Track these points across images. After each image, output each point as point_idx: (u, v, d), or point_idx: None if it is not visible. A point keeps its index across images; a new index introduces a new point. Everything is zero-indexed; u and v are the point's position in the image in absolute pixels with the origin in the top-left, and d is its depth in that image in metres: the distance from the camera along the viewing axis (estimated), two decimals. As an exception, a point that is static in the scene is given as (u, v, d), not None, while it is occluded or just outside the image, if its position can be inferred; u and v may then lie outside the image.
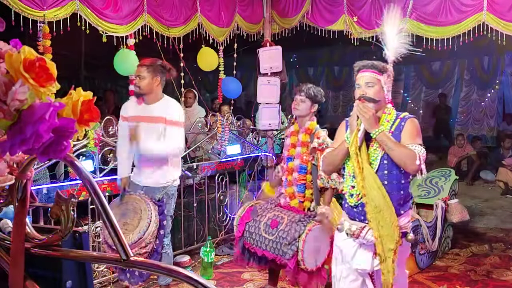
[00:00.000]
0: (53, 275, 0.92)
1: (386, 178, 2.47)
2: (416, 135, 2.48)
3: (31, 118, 0.69)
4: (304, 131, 3.45)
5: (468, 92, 11.03)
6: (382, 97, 2.53)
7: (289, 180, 3.48)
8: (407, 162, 2.38)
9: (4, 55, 0.71)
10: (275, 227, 3.26)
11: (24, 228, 0.86)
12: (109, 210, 0.84)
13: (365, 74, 2.56)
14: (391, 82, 2.59)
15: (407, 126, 2.49)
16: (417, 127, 2.52)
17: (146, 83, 3.48)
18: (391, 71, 2.60)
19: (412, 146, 2.42)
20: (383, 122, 2.51)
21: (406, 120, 2.51)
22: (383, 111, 2.55)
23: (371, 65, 2.57)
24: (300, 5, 5.70)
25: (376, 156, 2.48)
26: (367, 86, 2.52)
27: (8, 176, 0.82)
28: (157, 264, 0.87)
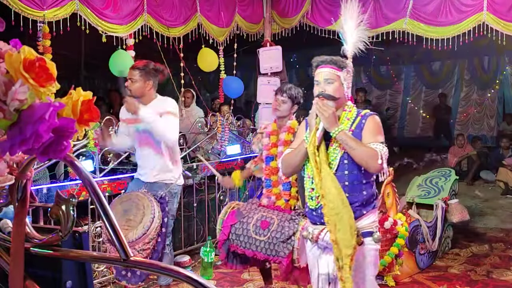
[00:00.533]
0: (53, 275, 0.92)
1: (347, 178, 2.38)
2: (377, 133, 2.40)
3: (31, 118, 0.69)
4: (287, 130, 3.45)
5: (468, 92, 11.03)
6: (342, 94, 2.44)
7: (274, 180, 3.47)
8: (369, 162, 2.30)
9: (4, 55, 0.71)
10: (266, 228, 3.25)
11: (24, 228, 0.86)
12: (109, 210, 0.84)
13: (324, 70, 2.43)
14: (351, 78, 2.51)
15: (368, 123, 2.41)
16: (379, 125, 2.44)
17: (137, 86, 3.45)
18: (350, 67, 2.50)
19: (373, 144, 2.33)
20: (343, 120, 2.43)
21: (367, 118, 2.42)
22: (343, 108, 2.47)
23: (329, 60, 2.45)
24: (300, 5, 5.70)
25: (336, 156, 2.39)
26: (326, 82, 2.41)
27: (8, 176, 0.82)
28: (157, 264, 0.87)
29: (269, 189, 3.49)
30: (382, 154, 2.30)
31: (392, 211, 4.27)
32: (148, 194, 3.40)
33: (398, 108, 11.53)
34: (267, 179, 3.51)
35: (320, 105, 2.33)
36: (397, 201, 4.39)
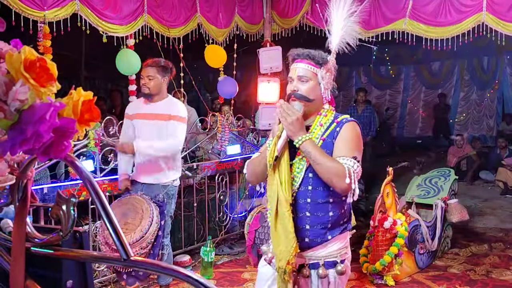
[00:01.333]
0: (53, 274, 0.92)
1: (310, 195, 2.01)
2: (352, 145, 2.00)
3: (32, 118, 0.69)
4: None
5: (467, 92, 11.03)
6: (317, 95, 2.05)
7: None
8: (334, 180, 1.90)
9: (5, 55, 0.71)
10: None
11: (25, 228, 0.86)
12: (109, 210, 0.84)
13: (299, 66, 2.06)
14: (331, 77, 2.09)
15: (342, 132, 2.02)
16: (356, 135, 2.04)
17: (156, 83, 3.52)
18: (332, 65, 2.10)
19: (343, 159, 1.94)
20: (315, 127, 2.05)
21: (343, 125, 2.03)
22: (318, 112, 2.08)
23: (307, 54, 2.07)
24: (300, 5, 5.70)
25: (301, 168, 2.02)
26: (300, 80, 2.04)
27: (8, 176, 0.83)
28: (157, 263, 0.88)
29: None
30: (351, 172, 1.91)
31: (391, 211, 4.28)
32: (147, 198, 3.40)
33: (397, 108, 11.53)
34: None
35: (284, 108, 1.95)
36: (396, 201, 4.40)
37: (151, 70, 3.52)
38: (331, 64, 2.10)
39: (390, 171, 4.34)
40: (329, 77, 2.08)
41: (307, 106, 2.02)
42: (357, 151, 2.01)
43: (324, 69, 2.06)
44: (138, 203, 3.36)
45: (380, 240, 4.13)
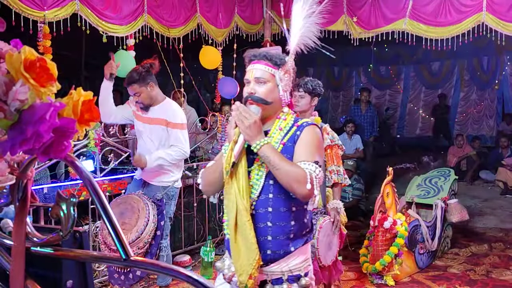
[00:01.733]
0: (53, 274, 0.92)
1: (271, 204, 1.89)
2: (313, 149, 1.90)
3: (32, 118, 0.69)
4: None
5: (467, 92, 11.02)
6: (276, 97, 1.95)
7: None
8: (294, 185, 1.78)
9: (5, 55, 0.71)
10: None
11: (25, 227, 0.86)
12: (109, 210, 0.85)
13: (256, 67, 1.96)
14: (290, 79, 2.01)
15: (303, 136, 1.92)
16: (317, 139, 1.94)
17: (145, 96, 3.51)
18: (291, 65, 2.01)
19: (304, 164, 1.83)
20: (275, 131, 1.95)
21: (303, 129, 1.93)
22: (277, 116, 1.98)
23: (264, 55, 1.97)
24: (300, 5, 5.70)
25: (261, 175, 1.90)
26: (257, 82, 1.94)
27: (8, 176, 0.83)
28: (157, 263, 0.88)
29: None
30: (312, 177, 1.80)
31: (391, 211, 4.28)
32: (144, 197, 3.40)
33: (397, 108, 11.53)
34: None
35: (241, 111, 1.85)
36: (396, 201, 4.40)
37: (133, 88, 3.49)
38: (290, 65, 2.01)
39: (390, 171, 4.34)
40: (288, 79, 2.00)
41: (265, 109, 1.91)
42: (319, 155, 1.92)
43: (282, 70, 1.97)
44: (135, 203, 3.36)
45: (380, 240, 4.14)
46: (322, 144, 1.99)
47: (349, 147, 7.71)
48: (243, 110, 1.86)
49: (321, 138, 1.98)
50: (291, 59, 2.02)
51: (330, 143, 3.36)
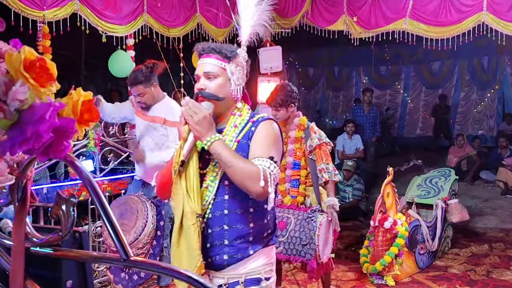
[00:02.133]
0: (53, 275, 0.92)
1: (227, 206, 1.79)
2: (268, 145, 1.78)
3: (31, 118, 0.69)
4: (296, 128, 3.49)
5: (468, 92, 11.03)
6: (228, 93, 1.84)
7: (281, 177, 3.51)
8: (246, 183, 1.67)
9: (5, 55, 0.71)
10: (284, 228, 3.28)
11: (24, 228, 0.86)
12: (109, 210, 0.84)
13: (205, 61, 1.85)
14: (243, 72, 1.88)
15: (258, 132, 1.80)
16: (274, 134, 1.82)
17: (148, 96, 3.53)
18: (243, 58, 1.89)
19: (258, 160, 1.72)
20: (229, 128, 1.84)
21: (258, 124, 1.82)
22: (232, 112, 1.87)
23: (212, 48, 1.86)
24: (300, 5, 5.70)
25: (215, 176, 1.80)
26: (207, 77, 1.83)
27: (8, 176, 0.82)
28: (157, 264, 0.87)
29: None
30: (266, 174, 1.68)
31: (392, 211, 4.28)
32: (143, 198, 3.40)
33: (398, 108, 11.53)
34: None
35: (190, 107, 1.73)
36: (397, 201, 4.40)
37: (137, 89, 3.50)
38: (242, 57, 1.88)
39: (390, 171, 4.34)
40: (240, 72, 1.87)
41: (217, 106, 1.82)
42: (275, 151, 1.78)
43: (233, 64, 1.86)
44: (134, 204, 3.36)
45: (380, 240, 4.13)
46: (279, 139, 1.84)
47: (349, 147, 7.71)
48: (193, 106, 1.74)
49: (278, 133, 1.85)
50: (243, 51, 1.89)
51: (318, 142, 3.40)
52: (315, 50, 11.06)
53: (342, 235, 5.66)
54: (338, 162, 7.67)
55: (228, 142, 1.80)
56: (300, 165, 3.45)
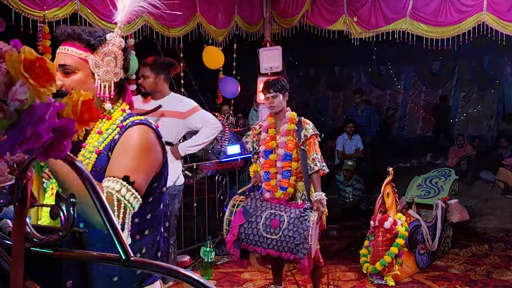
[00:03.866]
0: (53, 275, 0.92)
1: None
2: (129, 159, 1.41)
3: (31, 118, 0.69)
4: (289, 121, 3.54)
5: (468, 92, 11.02)
6: (93, 91, 1.46)
7: (271, 172, 3.53)
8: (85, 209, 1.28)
9: (4, 55, 0.71)
10: (277, 227, 3.30)
11: (24, 228, 0.86)
12: (109, 210, 0.84)
13: (62, 51, 1.47)
14: (115, 63, 1.51)
15: (120, 142, 1.45)
16: (139, 143, 1.44)
17: (150, 82, 3.56)
18: (117, 45, 1.51)
19: (108, 181, 1.36)
20: (93, 135, 1.48)
21: (124, 131, 1.46)
22: (101, 115, 1.50)
23: (69, 33, 1.47)
24: (300, 5, 5.70)
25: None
26: (64, 72, 1.46)
27: (8, 176, 0.82)
28: (157, 264, 0.87)
29: (268, 182, 3.54)
30: (114, 201, 1.33)
31: (392, 211, 4.28)
32: None
33: (398, 108, 11.53)
34: (266, 172, 3.55)
35: None
36: (397, 201, 4.40)
37: (144, 69, 3.60)
38: (113, 45, 1.50)
39: (390, 171, 4.34)
40: (110, 64, 1.49)
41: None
42: (136, 168, 1.39)
43: (100, 54, 1.47)
44: None
45: (380, 240, 4.13)
46: (148, 150, 1.45)
47: (349, 147, 7.71)
48: None
49: (148, 142, 1.46)
50: (116, 36, 1.51)
51: (312, 133, 3.47)
52: (315, 50, 11.06)
53: (342, 235, 5.66)
54: (338, 162, 7.68)
55: (88, 154, 1.46)
56: (292, 156, 3.49)
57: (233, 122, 5.52)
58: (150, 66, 3.57)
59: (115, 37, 1.51)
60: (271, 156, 3.54)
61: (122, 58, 1.53)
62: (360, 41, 5.61)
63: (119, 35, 1.52)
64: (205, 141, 3.70)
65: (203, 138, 3.65)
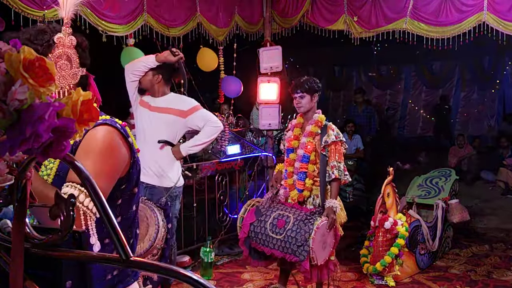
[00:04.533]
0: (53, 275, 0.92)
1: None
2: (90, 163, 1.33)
3: (31, 118, 0.68)
4: (314, 123, 3.52)
5: (468, 92, 11.02)
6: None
7: (289, 171, 3.53)
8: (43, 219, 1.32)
9: (4, 55, 0.71)
10: (282, 227, 3.29)
11: (24, 228, 0.85)
12: (108, 210, 0.84)
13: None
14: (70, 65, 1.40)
15: (81, 145, 1.38)
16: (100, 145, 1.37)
17: (146, 79, 3.54)
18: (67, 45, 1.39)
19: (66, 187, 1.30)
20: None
21: (87, 133, 1.38)
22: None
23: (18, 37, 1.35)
24: (300, 5, 5.70)
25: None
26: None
27: (7, 176, 0.82)
28: (157, 264, 0.87)
29: (285, 180, 3.54)
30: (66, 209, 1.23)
31: (392, 211, 4.27)
32: (149, 203, 3.38)
33: (398, 108, 11.53)
34: (285, 170, 3.56)
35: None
36: (397, 201, 4.39)
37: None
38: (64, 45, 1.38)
39: (390, 171, 4.33)
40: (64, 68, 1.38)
41: None
42: (97, 172, 1.32)
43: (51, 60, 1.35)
44: (142, 211, 3.32)
45: (380, 240, 4.13)
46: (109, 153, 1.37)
47: (349, 147, 7.71)
48: None
49: (112, 143, 1.38)
50: (65, 34, 1.39)
51: (334, 139, 3.43)
52: (315, 50, 11.06)
53: (342, 235, 5.66)
54: (338, 162, 7.68)
55: (52, 165, 1.41)
56: (309, 159, 3.47)
57: (233, 122, 5.51)
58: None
59: (64, 38, 1.39)
60: (292, 155, 3.54)
61: (77, 57, 1.41)
62: (360, 41, 5.61)
63: (68, 34, 1.40)
64: (206, 141, 3.68)
65: (205, 138, 3.63)
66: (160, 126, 3.56)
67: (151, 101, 3.64)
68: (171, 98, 3.65)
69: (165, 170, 3.57)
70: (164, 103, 3.59)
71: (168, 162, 3.58)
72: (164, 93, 3.64)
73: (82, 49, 1.46)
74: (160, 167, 3.54)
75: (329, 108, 12.44)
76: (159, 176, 3.56)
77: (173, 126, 3.59)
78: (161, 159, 3.57)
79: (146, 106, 3.64)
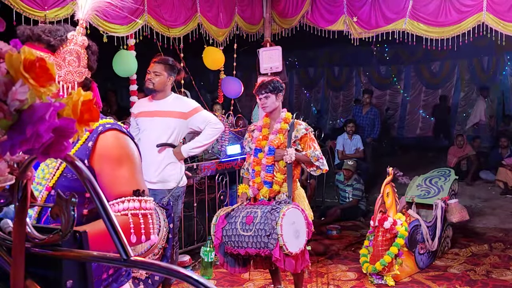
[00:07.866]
0: (53, 274, 0.92)
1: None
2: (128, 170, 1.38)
3: (31, 118, 0.69)
4: (282, 121, 3.57)
5: (468, 92, 11.02)
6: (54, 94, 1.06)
7: (257, 170, 3.53)
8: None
9: (5, 55, 0.71)
10: (251, 222, 3.29)
11: (25, 228, 0.86)
12: (109, 210, 0.85)
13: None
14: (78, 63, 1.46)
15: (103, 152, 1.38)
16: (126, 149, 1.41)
17: (161, 80, 3.57)
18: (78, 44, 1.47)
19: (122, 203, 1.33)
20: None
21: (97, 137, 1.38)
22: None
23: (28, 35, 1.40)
24: (300, 5, 5.70)
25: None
26: None
27: (8, 176, 0.82)
28: (157, 264, 0.87)
29: (253, 180, 3.55)
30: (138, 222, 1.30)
31: (391, 211, 4.28)
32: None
33: (398, 108, 11.52)
34: (252, 170, 3.57)
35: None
36: (396, 201, 4.40)
37: (158, 67, 3.59)
38: (76, 43, 1.44)
39: (390, 171, 4.34)
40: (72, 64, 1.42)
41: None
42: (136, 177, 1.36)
43: (61, 54, 1.41)
44: None
45: (380, 240, 4.13)
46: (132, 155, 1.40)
47: (349, 147, 7.71)
48: None
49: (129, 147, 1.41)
50: (78, 34, 1.46)
51: (304, 131, 3.50)
52: (315, 50, 11.06)
53: (342, 235, 5.66)
54: (338, 162, 7.68)
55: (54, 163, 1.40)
56: (275, 151, 3.49)
57: (233, 122, 5.51)
58: (165, 65, 3.60)
59: (77, 36, 1.45)
60: (260, 155, 3.56)
61: (86, 57, 1.46)
62: (360, 41, 5.61)
63: (81, 34, 1.47)
64: (208, 142, 3.69)
65: (206, 139, 3.63)
66: (162, 130, 3.58)
67: (148, 107, 3.65)
68: (171, 100, 3.65)
69: (168, 173, 3.58)
70: (165, 106, 3.60)
71: (171, 164, 3.59)
72: (166, 94, 3.67)
73: (91, 52, 1.50)
74: (164, 171, 3.56)
75: (329, 108, 12.43)
76: (163, 182, 3.58)
77: (175, 129, 3.60)
78: (163, 163, 3.58)
79: (144, 115, 3.66)
